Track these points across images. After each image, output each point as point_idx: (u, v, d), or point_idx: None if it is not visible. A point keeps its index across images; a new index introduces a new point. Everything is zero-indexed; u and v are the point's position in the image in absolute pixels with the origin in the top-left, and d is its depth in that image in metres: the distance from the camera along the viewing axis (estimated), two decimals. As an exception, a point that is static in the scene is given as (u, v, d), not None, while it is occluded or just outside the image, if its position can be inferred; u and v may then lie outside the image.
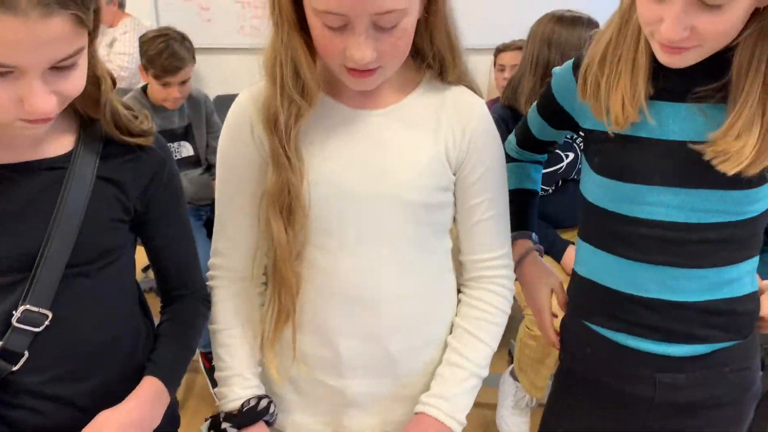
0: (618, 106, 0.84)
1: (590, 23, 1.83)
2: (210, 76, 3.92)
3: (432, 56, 0.91)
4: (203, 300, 0.99)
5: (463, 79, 0.95)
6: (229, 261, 0.97)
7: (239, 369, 0.96)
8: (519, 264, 1.09)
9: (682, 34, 0.75)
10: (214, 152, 2.51)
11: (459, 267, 1.01)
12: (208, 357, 2.24)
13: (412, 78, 0.94)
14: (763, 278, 1.67)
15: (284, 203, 0.87)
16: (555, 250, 1.86)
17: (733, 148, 0.79)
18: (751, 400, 0.96)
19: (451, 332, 0.99)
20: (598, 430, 0.99)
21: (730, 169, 0.80)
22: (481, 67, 3.39)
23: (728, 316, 0.90)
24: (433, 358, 0.98)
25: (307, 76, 0.84)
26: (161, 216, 0.93)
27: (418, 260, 0.94)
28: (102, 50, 3.58)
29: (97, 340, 0.86)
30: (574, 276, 1.02)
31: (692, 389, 0.92)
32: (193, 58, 2.22)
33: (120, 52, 3.46)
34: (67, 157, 0.83)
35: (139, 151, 0.88)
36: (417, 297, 0.95)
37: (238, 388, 0.95)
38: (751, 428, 0.99)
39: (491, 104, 2.36)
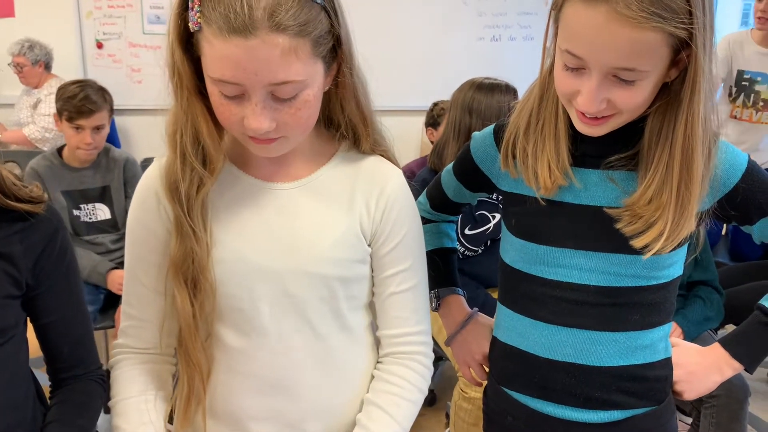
0: (545, 171, 0.86)
1: (508, 89, 1.91)
2: (141, 138, 3.86)
3: (345, 125, 0.90)
4: (100, 379, 0.92)
5: (378, 148, 0.94)
6: (133, 341, 0.91)
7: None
8: (462, 329, 1.10)
9: (599, 107, 0.78)
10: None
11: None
12: None
13: (326, 149, 0.92)
14: (686, 334, 1.74)
15: (188, 273, 0.83)
16: (485, 310, 1.87)
17: (647, 212, 0.81)
18: None
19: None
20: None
21: (640, 242, 0.82)
22: (413, 127, 3.49)
23: (642, 382, 0.90)
24: None
25: (208, 144, 0.81)
26: (53, 289, 0.88)
27: (335, 338, 0.90)
28: (26, 111, 3.48)
29: None
30: (494, 341, 1.02)
31: None
32: (111, 109, 2.19)
33: (45, 114, 3.36)
34: None
35: (30, 220, 0.83)
36: (335, 378, 0.91)
37: None
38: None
39: (422, 162, 2.40)
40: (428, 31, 3.97)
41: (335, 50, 0.81)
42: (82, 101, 2.08)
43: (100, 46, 3.85)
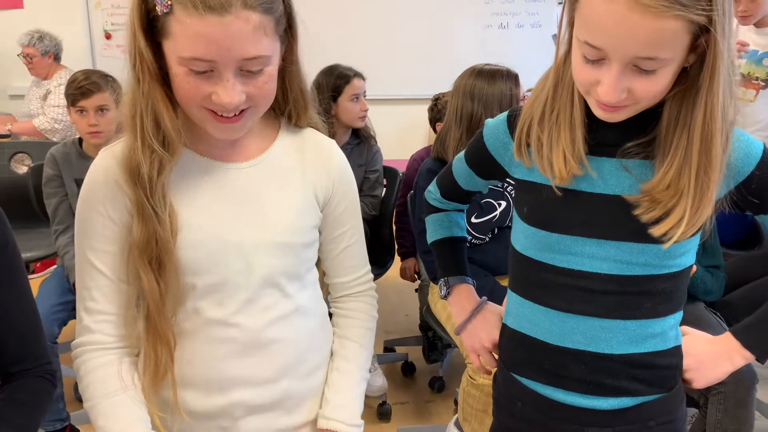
0: (560, 160, 0.86)
1: (509, 75, 1.91)
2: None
3: (292, 102, 0.97)
4: (48, 375, 0.92)
5: (312, 121, 1.03)
6: (99, 336, 0.91)
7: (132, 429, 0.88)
8: (472, 318, 1.12)
9: (620, 96, 0.77)
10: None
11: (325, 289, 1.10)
12: None
13: (270, 128, 1.00)
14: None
15: (152, 255, 0.86)
16: (494, 298, 1.88)
17: (665, 198, 0.81)
18: None
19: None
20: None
21: (659, 231, 0.81)
22: (421, 116, 3.48)
23: (652, 370, 0.91)
24: (320, 381, 1.05)
25: (168, 126, 0.85)
26: None
27: (299, 295, 0.99)
28: (36, 102, 3.50)
29: None
30: (504, 328, 1.03)
31: None
32: (116, 93, 2.19)
33: (54, 105, 3.38)
34: None
35: None
36: (300, 330, 0.99)
37: None
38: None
39: (429, 151, 2.41)
40: (435, 18, 3.95)
41: (287, 31, 0.88)
42: (83, 82, 2.13)
43: (108, 36, 3.86)
